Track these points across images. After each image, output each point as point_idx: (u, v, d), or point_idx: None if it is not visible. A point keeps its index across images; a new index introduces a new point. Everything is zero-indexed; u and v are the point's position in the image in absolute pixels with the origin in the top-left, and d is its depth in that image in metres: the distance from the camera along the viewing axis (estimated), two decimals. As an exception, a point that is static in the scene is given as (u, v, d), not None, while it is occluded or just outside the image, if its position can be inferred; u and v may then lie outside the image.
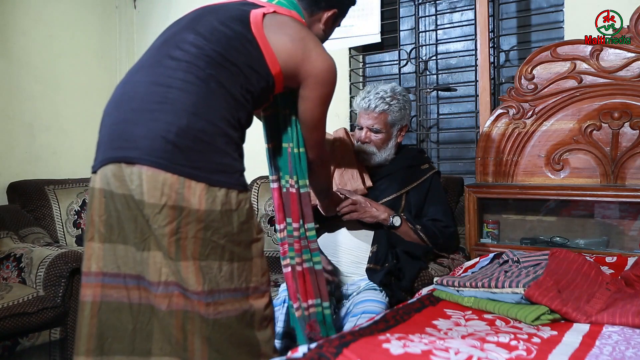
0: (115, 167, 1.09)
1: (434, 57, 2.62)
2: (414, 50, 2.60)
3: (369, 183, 1.80)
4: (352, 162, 1.84)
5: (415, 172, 1.87)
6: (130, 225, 1.10)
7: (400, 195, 1.82)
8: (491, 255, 1.73)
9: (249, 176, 2.79)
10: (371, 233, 1.76)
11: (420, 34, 2.63)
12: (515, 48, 2.42)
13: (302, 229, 1.36)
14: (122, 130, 1.10)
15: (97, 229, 1.13)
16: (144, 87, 1.12)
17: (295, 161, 1.35)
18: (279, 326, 1.58)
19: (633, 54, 1.80)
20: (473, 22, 2.41)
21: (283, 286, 1.68)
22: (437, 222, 1.81)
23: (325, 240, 1.83)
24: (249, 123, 1.24)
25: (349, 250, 1.76)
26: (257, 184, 2.64)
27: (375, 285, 1.66)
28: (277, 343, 1.58)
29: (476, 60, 2.31)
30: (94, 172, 1.15)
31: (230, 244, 1.11)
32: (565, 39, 2.07)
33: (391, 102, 1.78)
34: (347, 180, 1.80)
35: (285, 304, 1.60)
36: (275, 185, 1.40)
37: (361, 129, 1.83)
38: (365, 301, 1.56)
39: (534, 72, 1.97)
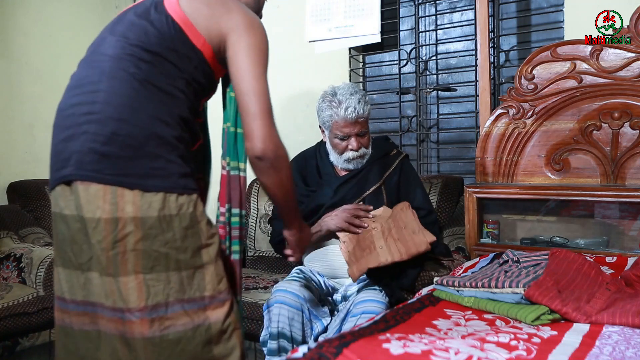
0: (60, 189, 1.08)
1: (434, 57, 2.62)
2: (414, 50, 2.60)
3: (431, 237, 1.67)
4: (409, 219, 1.72)
5: (387, 161, 1.88)
6: (72, 247, 1.07)
7: (379, 186, 1.82)
8: (491, 255, 1.73)
9: (248, 176, 2.81)
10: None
11: (420, 34, 2.63)
12: (515, 48, 2.42)
13: (228, 214, 1.26)
14: (61, 149, 1.09)
15: (54, 254, 1.14)
16: (75, 101, 1.09)
17: (230, 141, 1.25)
18: (273, 327, 1.59)
19: (633, 54, 1.80)
20: (473, 22, 2.41)
21: (277, 285, 1.68)
22: (417, 211, 1.80)
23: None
24: (195, 115, 1.16)
25: (340, 252, 1.77)
26: (257, 184, 2.64)
27: (374, 285, 1.66)
28: (272, 343, 1.59)
29: (476, 60, 2.30)
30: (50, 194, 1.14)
31: (174, 252, 1.04)
32: (565, 39, 2.07)
33: (366, 100, 1.80)
34: (407, 237, 1.66)
35: (278, 304, 1.60)
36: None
37: (345, 138, 1.79)
38: (365, 301, 1.56)
39: (534, 72, 1.97)
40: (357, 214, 1.73)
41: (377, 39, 2.52)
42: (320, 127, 1.89)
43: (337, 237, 1.75)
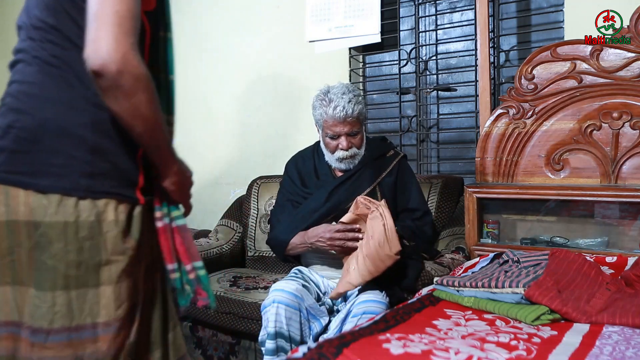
0: None
1: (434, 57, 2.62)
2: (414, 50, 2.60)
3: (396, 247, 1.59)
4: (378, 227, 1.64)
5: (384, 161, 1.88)
6: None
7: (374, 187, 1.83)
8: (491, 255, 1.73)
9: (248, 176, 2.82)
10: None
11: (420, 34, 2.63)
12: (515, 48, 2.42)
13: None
14: None
15: None
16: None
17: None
18: (271, 326, 1.59)
19: (633, 54, 1.80)
20: (473, 22, 2.41)
21: (274, 285, 1.68)
22: (413, 212, 1.82)
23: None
24: None
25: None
26: (257, 184, 2.64)
27: (375, 287, 1.66)
28: (270, 343, 1.59)
29: (476, 60, 2.30)
30: None
31: (62, 266, 0.89)
32: (565, 39, 2.07)
33: (359, 100, 1.80)
34: (374, 253, 1.59)
35: (275, 304, 1.60)
36: None
37: (336, 137, 1.80)
38: (366, 302, 1.57)
39: (534, 72, 1.97)
40: (345, 237, 1.66)
41: (377, 39, 2.52)
42: (315, 125, 1.90)
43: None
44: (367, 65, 2.81)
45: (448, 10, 2.59)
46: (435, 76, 2.65)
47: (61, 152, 0.90)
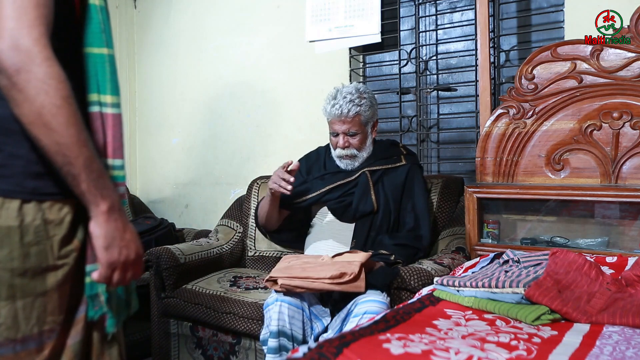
0: None
1: (434, 57, 2.62)
2: (414, 50, 2.60)
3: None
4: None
5: (393, 172, 1.90)
6: None
7: (369, 195, 1.87)
8: (491, 255, 1.73)
9: (248, 176, 2.81)
10: (350, 229, 1.80)
11: (421, 34, 2.63)
12: (515, 48, 2.42)
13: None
14: None
15: None
16: None
17: (90, 66, 0.90)
18: (273, 324, 1.59)
19: (633, 54, 1.80)
20: (473, 22, 2.41)
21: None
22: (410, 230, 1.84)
23: (306, 244, 1.86)
24: (76, 80, 0.85)
25: (332, 251, 1.78)
26: (257, 183, 2.64)
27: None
28: (273, 342, 1.58)
29: (476, 60, 2.30)
30: None
31: (7, 275, 0.82)
32: (565, 39, 2.07)
33: (361, 103, 1.81)
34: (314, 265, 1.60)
35: (278, 302, 1.60)
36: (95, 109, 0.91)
37: (336, 135, 1.85)
38: (367, 301, 1.57)
39: (534, 72, 1.97)
40: (283, 177, 1.77)
41: (377, 39, 2.52)
42: None
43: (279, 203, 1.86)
44: (367, 65, 2.81)
45: (448, 10, 2.59)
46: (435, 76, 2.65)
47: (2, 150, 0.82)
